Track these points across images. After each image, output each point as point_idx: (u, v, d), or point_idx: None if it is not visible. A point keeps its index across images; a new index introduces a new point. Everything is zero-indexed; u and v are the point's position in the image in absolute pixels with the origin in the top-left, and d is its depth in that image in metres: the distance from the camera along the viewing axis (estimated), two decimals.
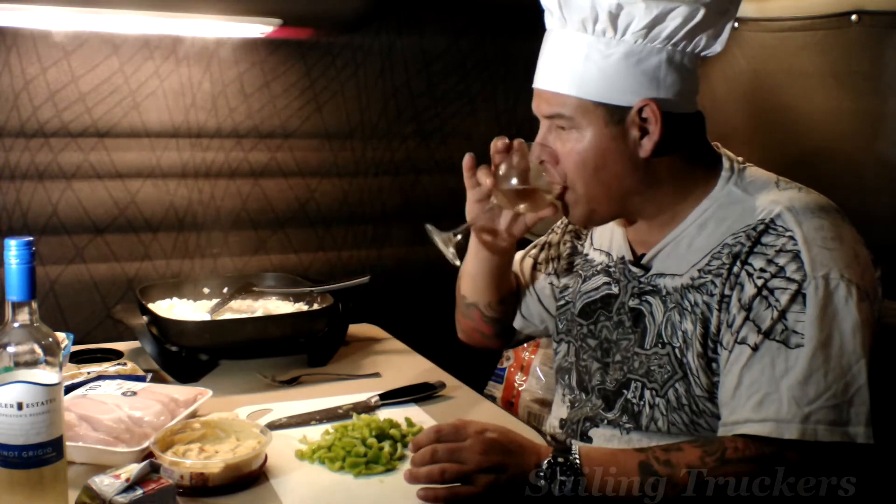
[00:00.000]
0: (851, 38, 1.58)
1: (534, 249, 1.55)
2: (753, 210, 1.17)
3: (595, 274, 1.37)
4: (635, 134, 1.18)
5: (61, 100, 1.78)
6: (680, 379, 1.19)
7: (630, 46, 1.16)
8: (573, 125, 1.19)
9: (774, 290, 1.11)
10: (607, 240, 1.37)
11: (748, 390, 1.10)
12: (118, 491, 0.99)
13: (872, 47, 1.55)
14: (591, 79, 1.17)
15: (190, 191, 1.92)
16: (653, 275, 1.25)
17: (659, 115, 1.16)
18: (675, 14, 1.13)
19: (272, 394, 1.53)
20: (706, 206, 1.22)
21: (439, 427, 1.15)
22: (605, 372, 1.30)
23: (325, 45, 2.00)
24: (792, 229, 1.12)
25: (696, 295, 1.19)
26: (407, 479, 1.13)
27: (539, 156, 1.25)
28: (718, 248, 1.18)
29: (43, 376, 1.00)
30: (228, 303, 1.77)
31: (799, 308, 1.09)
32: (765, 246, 1.13)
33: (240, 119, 1.94)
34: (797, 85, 1.67)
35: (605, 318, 1.32)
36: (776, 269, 1.11)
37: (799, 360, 1.08)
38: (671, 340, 1.21)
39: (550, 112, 1.22)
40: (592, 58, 1.17)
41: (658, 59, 1.16)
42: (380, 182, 2.11)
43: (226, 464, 1.15)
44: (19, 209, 1.78)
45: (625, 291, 1.29)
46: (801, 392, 1.07)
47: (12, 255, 0.99)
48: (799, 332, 1.08)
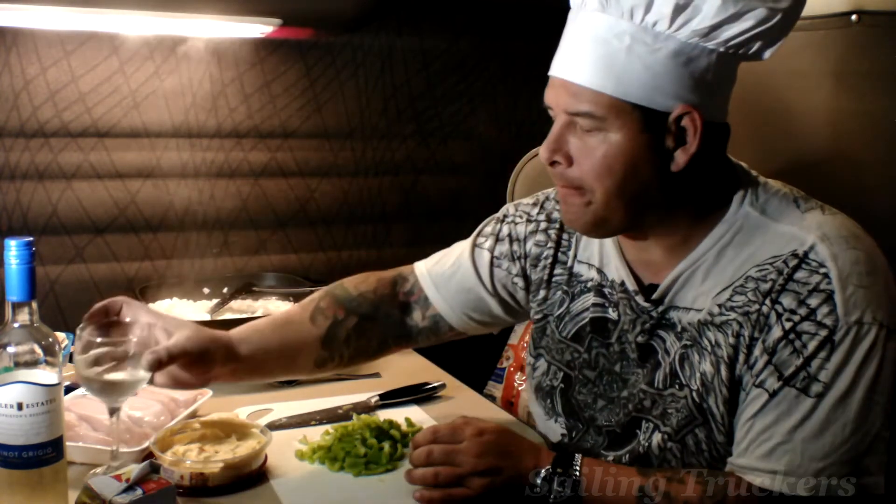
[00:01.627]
0: (851, 38, 1.58)
1: (488, 241, 1.36)
2: (779, 239, 1.07)
3: (584, 292, 1.25)
4: (670, 143, 1.04)
5: (61, 100, 1.78)
6: (700, 425, 1.11)
7: (681, 44, 1.02)
8: (601, 126, 1.04)
9: (802, 335, 1.02)
10: (595, 253, 1.25)
11: (760, 436, 1.04)
12: (118, 491, 0.99)
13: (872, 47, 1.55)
14: (633, 76, 1.02)
15: (190, 191, 1.92)
16: (665, 308, 1.14)
17: (700, 125, 1.03)
18: (750, 16, 1.01)
19: (272, 394, 1.53)
20: (722, 231, 1.10)
21: (437, 428, 1.14)
22: (611, 410, 1.22)
23: (325, 45, 2.00)
24: (827, 265, 1.02)
25: (716, 334, 1.09)
26: (406, 480, 1.13)
27: (552, 156, 1.09)
28: (741, 280, 1.07)
29: (43, 376, 1.00)
30: (228, 303, 1.77)
31: (825, 355, 1.01)
32: (797, 283, 1.03)
33: (240, 119, 1.94)
34: (797, 85, 1.67)
35: (599, 344, 1.22)
36: (807, 311, 1.02)
37: (817, 411, 1.01)
38: (689, 382, 1.11)
39: (577, 109, 1.05)
40: (636, 51, 1.02)
41: (708, 60, 1.03)
42: (380, 182, 2.11)
43: (226, 464, 1.15)
44: (19, 209, 1.78)
45: (631, 325, 1.18)
46: (817, 445, 1.01)
47: (12, 256, 0.99)
48: (821, 380, 1.01)
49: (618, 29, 1.03)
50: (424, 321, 1.38)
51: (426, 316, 1.38)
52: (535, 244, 1.32)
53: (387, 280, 1.40)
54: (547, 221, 1.32)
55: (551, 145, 1.09)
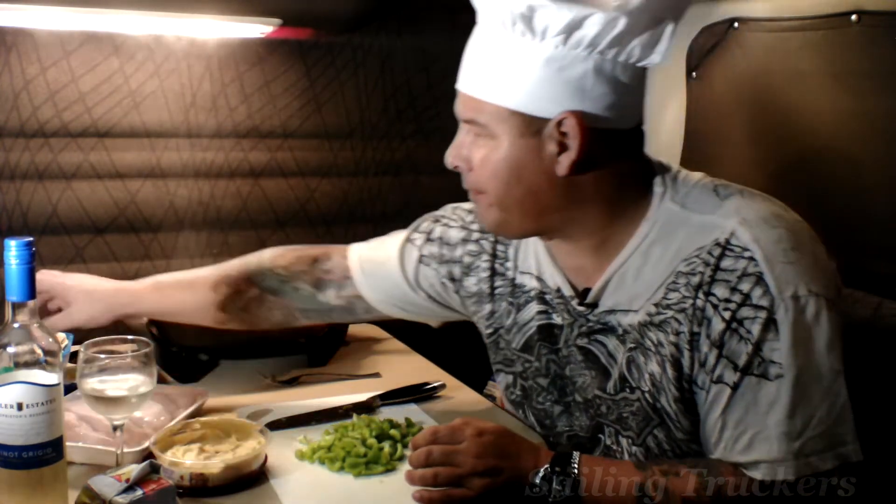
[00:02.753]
0: (851, 38, 1.57)
1: (418, 238, 1.39)
2: (702, 230, 1.08)
3: (528, 301, 1.26)
4: (553, 149, 1.06)
5: (61, 100, 1.78)
6: (658, 425, 1.13)
7: (552, 51, 1.04)
8: (486, 133, 1.10)
9: (744, 321, 1.03)
10: (532, 263, 1.26)
11: (734, 431, 1.05)
12: (118, 491, 0.99)
13: (872, 47, 1.55)
14: (509, 84, 1.06)
15: (190, 191, 1.92)
16: (602, 312, 1.16)
17: (580, 130, 1.04)
18: (592, 20, 1.02)
19: (272, 394, 1.53)
20: (646, 229, 1.11)
21: (436, 429, 1.14)
22: (570, 415, 1.24)
23: (325, 45, 2.00)
24: (750, 248, 1.04)
25: (658, 334, 1.10)
26: (406, 480, 1.13)
27: (454, 161, 1.16)
28: (672, 277, 1.08)
29: (43, 377, 1.00)
30: None
31: (773, 336, 1.02)
32: (725, 272, 1.04)
33: (240, 119, 1.94)
34: (797, 85, 1.67)
35: (548, 351, 1.25)
36: (741, 297, 1.03)
37: (782, 392, 1.02)
38: (639, 385, 1.13)
39: (466, 117, 1.13)
40: (513, 60, 1.06)
41: (584, 67, 1.04)
42: (380, 182, 2.11)
43: (226, 464, 1.15)
44: (19, 209, 1.78)
45: (571, 329, 1.20)
46: (790, 426, 1.02)
47: (12, 256, 0.99)
48: (777, 361, 1.02)
49: (496, 40, 1.08)
50: (338, 300, 1.43)
51: (341, 296, 1.43)
52: (467, 253, 1.35)
53: (307, 256, 1.45)
54: (480, 232, 1.34)
55: (452, 151, 1.17)
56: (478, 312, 1.35)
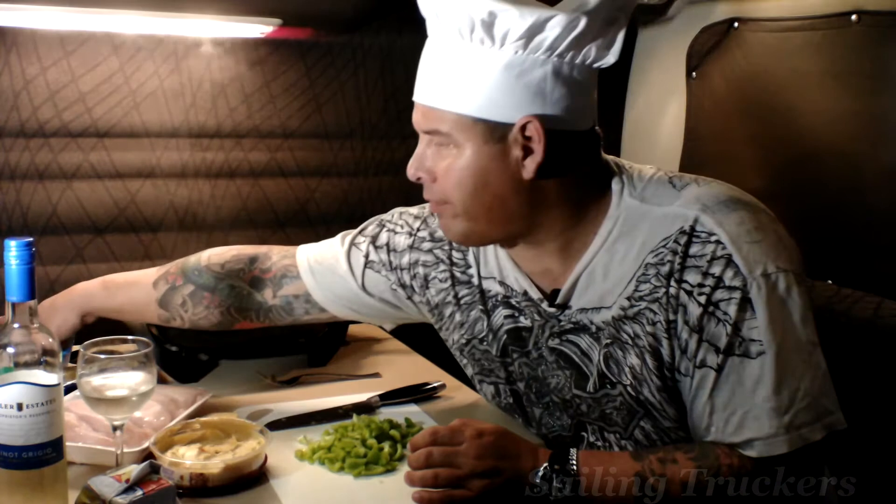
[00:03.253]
0: (851, 38, 1.58)
1: (364, 243, 1.39)
2: (664, 220, 1.10)
3: (496, 306, 1.26)
4: (518, 153, 1.08)
5: (61, 100, 1.78)
6: (643, 416, 1.14)
7: (510, 57, 1.05)
8: (449, 142, 1.10)
9: (720, 304, 1.05)
10: (494, 268, 1.26)
11: (724, 413, 1.06)
12: (118, 492, 0.99)
13: (872, 47, 1.55)
14: (469, 93, 1.07)
15: (190, 191, 1.92)
16: (573, 311, 1.17)
17: (543, 133, 1.06)
18: (553, 23, 1.03)
19: (272, 394, 1.53)
20: (609, 227, 1.13)
21: (436, 429, 1.14)
22: (551, 415, 1.26)
23: (325, 45, 2.00)
24: (716, 232, 1.06)
25: (633, 326, 1.11)
26: (405, 481, 1.13)
27: (416, 173, 1.16)
28: (641, 269, 1.10)
29: (43, 377, 1.00)
30: None
31: (749, 315, 1.04)
32: (694, 258, 1.06)
33: (240, 119, 1.94)
34: (797, 85, 1.67)
35: (518, 354, 1.26)
36: (714, 280, 1.05)
37: (765, 369, 1.04)
38: (620, 379, 1.14)
39: (427, 128, 1.13)
40: (470, 69, 1.07)
41: (543, 71, 1.05)
42: (380, 182, 2.11)
43: (226, 464, 1.15)
44: (19, 209, 1.78)
45: (541, 331, 1.21)
46: (777, 401, 1.03)
47: (12, 256, 0.99)
48: (756, 339, 1.04)
49: (452, 50, 1.08)
50: (275, 300, 1.42)
51: (278, 295, 1.42)
52: (422, 264, 1.34)
53: (244, 256, 1.45)
54: (432, 241, 1.34)
55: (414, 163, 1.16)
56: (443, 323, 1.35)
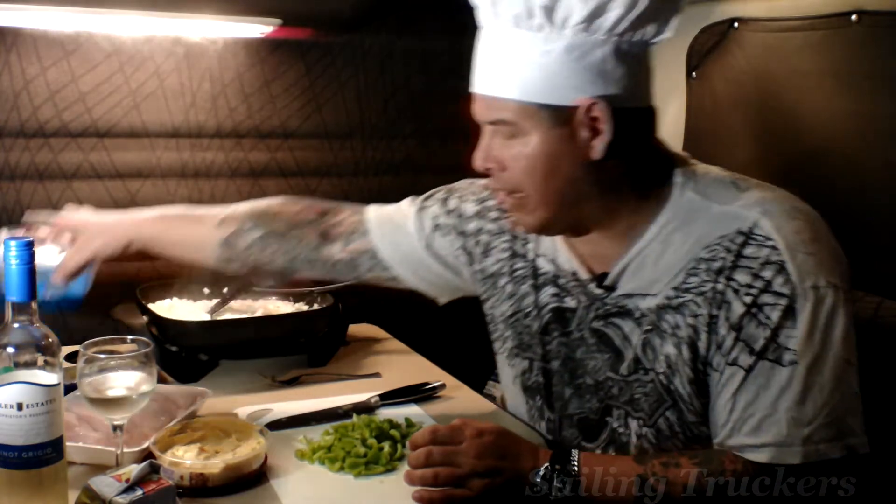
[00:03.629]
0: (851, 38, 1.57)
1: (434, 206, 1.41)
2: (723, 219, 1.11)
3: (545, 284, 1.28)
4: (585, 135, 1.09)
5: (61, 100, 1.78)
6: (670, 407, 1.15)
7: (571, 40, 1.06)
8: (516, 131, 1.10)
9: (764, 307, 1.06)
10: (549, 247, 1.28)
11: (744, 413, 1.07)
12: (118, 492, 0.99)
13: (872, 47, 1.55)
14: (532, 79, 1.07)
15: (190, 191, 1.92)
16: (619, 295, 1.18)
17: (609, 112, 1.07)
18: (615, 4, 1.04)
19: (272, 394, 1.53)
20: (667, 217, 1.14)
21: (435, 428, 1.14)
22: (580, 397, 1.25)
23: (325, 45, 2.00)
24: (773, 238, 1.07)
25: (675, 316, 1.12)
26: (405, 481, 1.13)
27: (484, 164, 1.16)
28: (693, 263, 1.11)
29: (43, 377, 1.00)
30: (228, 303, 1.77)
31: (790, 324, 1.04)
32: (748, 259, 1.07)
33: (240, 119, 1.94)
34: (797, 85, 1.67)
35: (559, 333, 1.26)
36: (763, 283, 1.06)
37: (794, 379, 1.04)
38: (654, 366, 1.15)
39: (492, 118, 1.12)
40: (531, 56, 1.07)
41: (603, 51, 1.06)
42: (380, 182, 2.11)
43: (226, 464, 1.15)
44: (19, 209, 1.78)
45: (586, 312, 1.22)
46: (800, 412, 1.03)
47: (12, 256, 0.99)
48: (791, 348, 1.04)
49: (511, 38, 1.09)
50: (343, 254, 1.43)
51: (346, 250, 1.43)
52: (485, 231, 1.36)
53: (316, 208, 1.46)
54: (498, 211, 1.34)
55: (481, 154, 1.15)
56: (494, 293, 1.36)
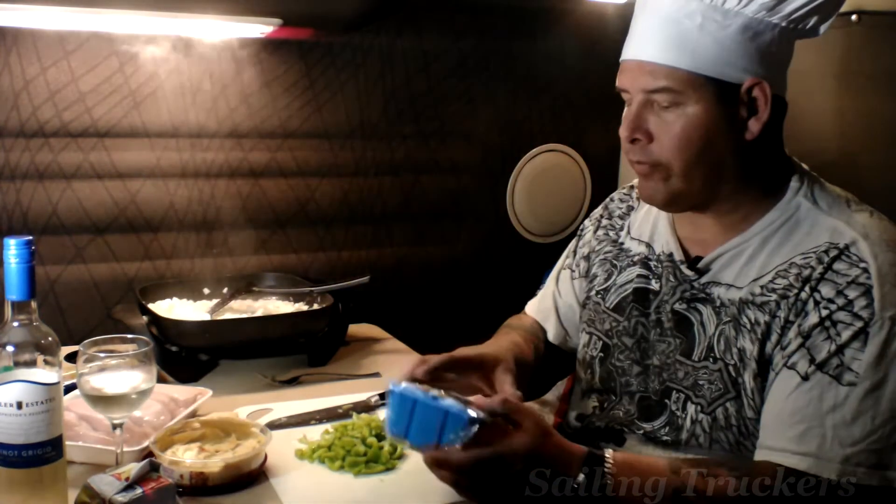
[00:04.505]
0: (851, 38, 1.58)
1: (568, 259, 1.48)
2: (825, 230, 1.12)
3: (631, 265, 1.32)
4: (743, 113, 1.12)
5: (61, 100, 1.78)
6: (732, 399, 1.15)
7: (749, 19, 1.09)
8: (679, 101, 1.11)
9: (837, 324, 1.06)
10: (648, 230, 1.32)
11: (791, 418, 1.06)
12: (118, 490, 0.99)
13: (872, 47, 1.56)
14: (706, 51, 1.10)
15: (190, 191, 1.92)
16: (707, 282, 1.20)
17: (769, 95, 1.11)
18: None
19: (272, 394, 1.53)
20: (774, 216, 1.16)
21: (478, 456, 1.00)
22: (646, 377, 1.26)
23: (325, 45, 2.00)
24: (867, 261, 1.08)
25: (756, 313, 1.14)
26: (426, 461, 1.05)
27: (633, 133, 1.16)
28: (785, 266, 1.13)
29: (42, 375, 1.00)
30: (228, 303, 1.77)
31: (858, 346, 1.05)
32: (836, 273, 1.08)
33: (240, 119, 1.94)
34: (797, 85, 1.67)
35: (639, 313, 1.28)
36: (844, 301, 1.07)
37: (849, 400, 1.04)
38: (724, 357, 1.16)
39: (656, 86, 1.12)
40: (707, 28, 1.09)
41: (772, 34, 1.11)
42: (380, 182, 2.11)
43: (226, 463, 1.15)
44: (19, 209, 1.78)
45: (671, 293, 1.24)
46: (847, 432, 1.03)
47: (12, 255, 0.99)
48: (854, 370, 1.05)
49: (688, 9, 1.11)
50: None
51: None
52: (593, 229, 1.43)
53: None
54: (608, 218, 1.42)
55: (631, 124, 1.16)
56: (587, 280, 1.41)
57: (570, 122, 2.30)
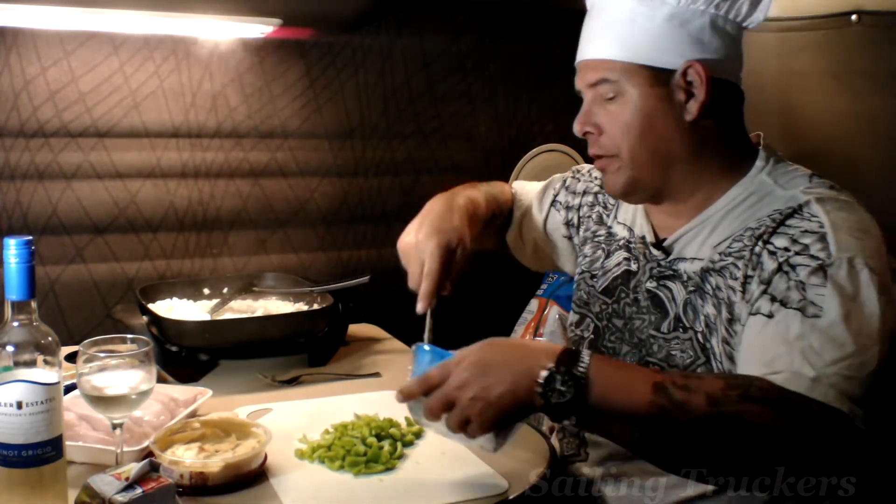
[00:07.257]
0: (851, 38, 1.58)
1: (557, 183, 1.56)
2: (780, 199, 1.17)
3: (617, 249, 1.37)
4: (681, 96, 1.18)
5: (61, 100, 1.78)
6: (703, 364, 1.18)
7: (674, 9, 1.17)
8: (618, 90, 1.19)
9: (796, 267, 1.08)
10: (630, 215, 1.37)
11: (762, 352, 1.05)
12: (118, 490, 0.99)
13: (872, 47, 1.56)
14: (637, 42, 1.18)
15: (190, 191, 1.92)
16: (673, 259, 1.25)
17: (705, 76, 1.16)
18: None
19: (272, 394, 1.53)
20: (736, 192, 1.21)
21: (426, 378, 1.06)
22: (630, 353, 1.29)
23: (325, 45, 2.00)
24: (820, 217, 1.10)
25: (717, 278, 1.17)
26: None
27: (583, 127, 1.25)
28: (741, 231, 1.17)
29: (42, 375, 1.00)
30: (228, 303, 1.77)
31: (819, 282, 1.05)
32: (789, 227, 1.12)
33: (240, 119, 1.94)
34: (797, 85, 1.68)
35: (625, 294, 1.32)
36: (801, 247, 1.09)
37: (815, 330, 1.02)
38: (693, 325, 1.20)
39: (595, 78, 1.21)
40: (637, 21, 1.18)
41: (701, 21, 1.17)
42: (380, 182, 2.11)
43: (226, 463, 1.15)
44: (19, 209, 1.78)
45: (643, 272, 1.30)
46: (816, 357, 1.01)
47: (12, 255, 0.99)
48: (818, 304, 1.04)
49: (622, 6, 1.20)
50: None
51: None
52: (585, 204, 1.48)
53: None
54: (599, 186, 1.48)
55: (581, 118, 1.26)
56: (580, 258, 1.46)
57: (570, 122, 2.30)
